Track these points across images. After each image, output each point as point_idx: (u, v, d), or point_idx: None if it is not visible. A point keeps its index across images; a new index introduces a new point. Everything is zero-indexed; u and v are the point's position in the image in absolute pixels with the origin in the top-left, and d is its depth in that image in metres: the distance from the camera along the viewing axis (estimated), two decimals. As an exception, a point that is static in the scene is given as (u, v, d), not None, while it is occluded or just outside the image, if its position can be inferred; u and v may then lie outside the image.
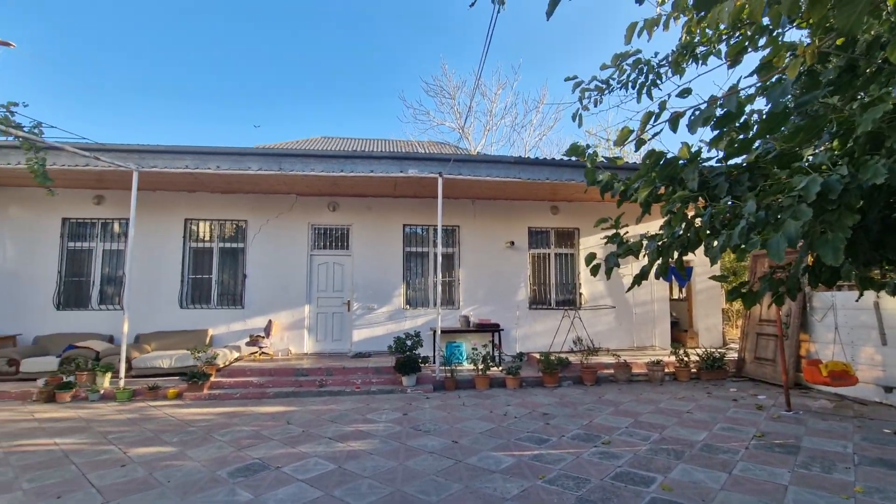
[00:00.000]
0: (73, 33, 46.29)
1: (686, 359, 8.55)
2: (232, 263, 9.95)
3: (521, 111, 37.35)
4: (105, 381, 7.53)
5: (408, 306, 10.27)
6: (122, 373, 7.51)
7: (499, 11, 2.81)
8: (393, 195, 10.30)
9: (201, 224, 9.94)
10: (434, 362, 8.60)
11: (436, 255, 9.91)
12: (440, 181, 8.49)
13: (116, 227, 9.73)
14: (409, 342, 8.39)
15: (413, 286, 10.50)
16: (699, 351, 9.01)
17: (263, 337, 9.26)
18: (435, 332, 8.56)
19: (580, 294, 10.81)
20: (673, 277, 8.93)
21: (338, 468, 4.36)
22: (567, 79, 3.48)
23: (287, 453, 4.79)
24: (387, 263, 10.24)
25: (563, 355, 8.70)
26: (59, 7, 44.68)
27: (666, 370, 8.52)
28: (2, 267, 9.21)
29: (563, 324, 10.37)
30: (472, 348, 8.70)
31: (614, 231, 3.00)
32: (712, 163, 2.80)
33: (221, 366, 8.17)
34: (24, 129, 5.02)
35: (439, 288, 8.50)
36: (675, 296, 13.36)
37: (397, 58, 46.75)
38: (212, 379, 7.60)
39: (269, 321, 9.53)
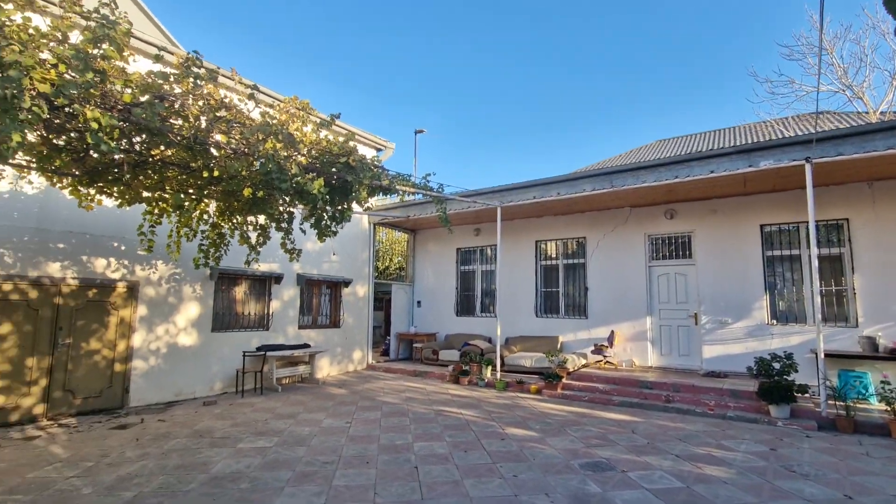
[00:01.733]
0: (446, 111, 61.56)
1: None
2: (574, 277, 10.94)
3: (971, 32, 24.62)
4: (487, 373, 9.69)
5: (774, 321, 8.59)
6: (498, 367, 9.48)
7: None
8: (743, 193, 8.95)
9: (548, 244, 11.42)
10: (818, 394, 6.89)
11: (811, 258, 7.94)
12: (808, 168, 6.87)
13: (489, 252, 12.41)
14: (776, 365, 7.05)
15: (781, 297, 8.72)
16: None
17: (607, 346, 9.73)
18: (816, 354, 6.86)
19: None
20: None
21: (685, 487, 4.24)
22: None
23: (632, 460, 4.99)
24: (740, 271, 8.93)
25: None
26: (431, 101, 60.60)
27: None
28: (427, 286, 13.31)
29: None
30: (883, 381, 6.47)
31: None
32: None
33: (571, 370, 9.09)
34: (434, 189, 7.30)
35: (818, 299, 6.78)
36: None
37: (741, 36, 39.75)
38: (563, 381, 8.58)
39: (612, 331, 9.92)
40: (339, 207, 6.55)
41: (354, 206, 6.72)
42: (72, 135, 4.01)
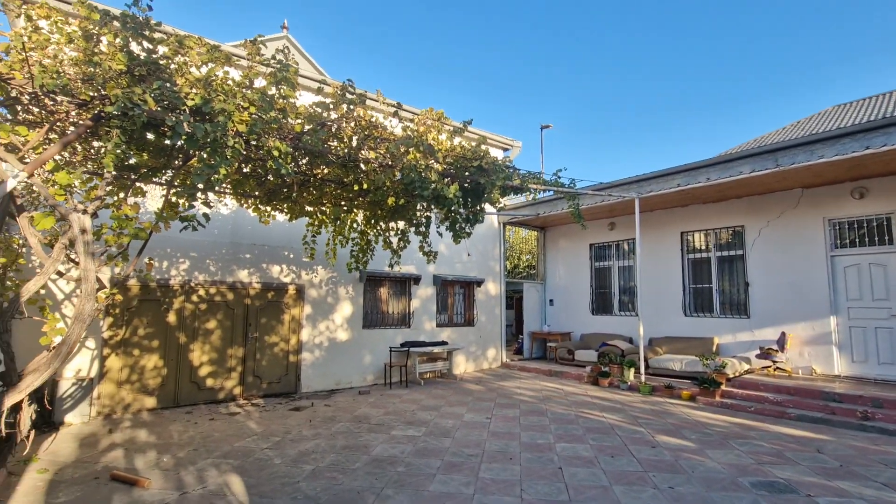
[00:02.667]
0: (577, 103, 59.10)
1: None
2: (731, 271, 9.71)
3: None
4: (630, 375, 9.11)
5: None
6: (643, 370, 8.85)
7: None
8: (970, 159, 7.03)
9: (696, 235, 10.32)
10: None
11: None
12: None
13: (626, 246, 11.66)
14: None
15: None
16: None
17: (776, 350, 8.45)
18: None
19: None
20: None
21: (899, 523, 3.50)
22: None
23: (819, 484, 4.27)
24: (970, 260, 7.02)
25: None
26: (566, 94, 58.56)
27: None
28: (559, 284, 13.01)
29: None
30: None
31: None
32: None
33: (731, 375, 8.09)
34: (565, 185, 7.13)
35: None
36: None
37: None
38: (722, 387, 7.67)
39: (783, 333, 8.57)
40: (472, 210, 6.78)
41: (487, 206, 6.90)
42: (256, 163, 4.82)
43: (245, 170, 5.45)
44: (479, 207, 6.78)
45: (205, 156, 3.66)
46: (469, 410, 7.27)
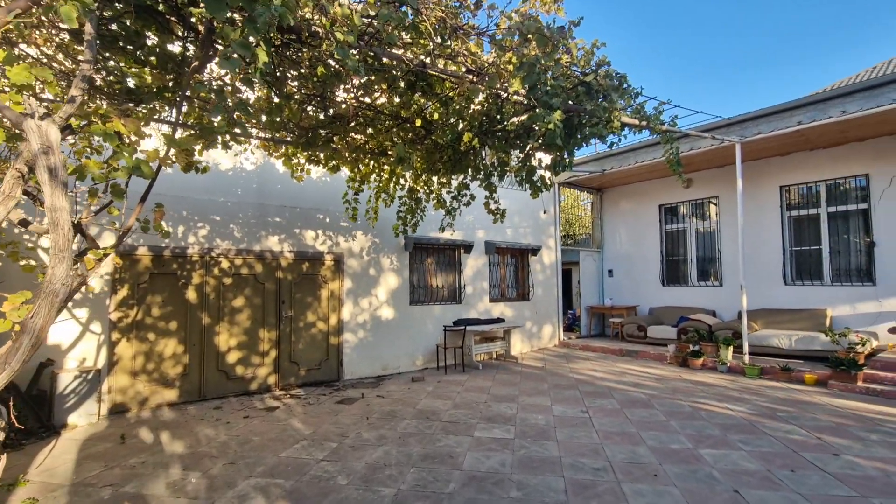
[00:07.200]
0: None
1: None
2: (846, 230, 8.13)
3: None
4: (728, 355, 7.71)
5: None
6: (745, 349, 7.43)
7: None
8: None
9: (800, 189, 8.70)
10: None
11: None
12: None
13: (706, 206, 10.08)
14: None
15: None
16: None
17: (916, 323, 6.97)
18: None
19: None
20: None
21: None
22: None
23: None
24: None
25: None
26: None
27: None
28: (619, 251, 11.52)
29: None
30: None
31: None
32: None
33: (866, 353, 6.65)
34: (665, 123, 5.62)
35: None
36: None
37: None
38: (864, 370, 6.24)
39: (921, 303, 7.07)
40: (561, 150, 5.32)
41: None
42: (301, 71, 3.42)
43: (280, 93, 4.05)
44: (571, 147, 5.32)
45: (233, 33, 2.28)
46: (554, 401, 5.96)
